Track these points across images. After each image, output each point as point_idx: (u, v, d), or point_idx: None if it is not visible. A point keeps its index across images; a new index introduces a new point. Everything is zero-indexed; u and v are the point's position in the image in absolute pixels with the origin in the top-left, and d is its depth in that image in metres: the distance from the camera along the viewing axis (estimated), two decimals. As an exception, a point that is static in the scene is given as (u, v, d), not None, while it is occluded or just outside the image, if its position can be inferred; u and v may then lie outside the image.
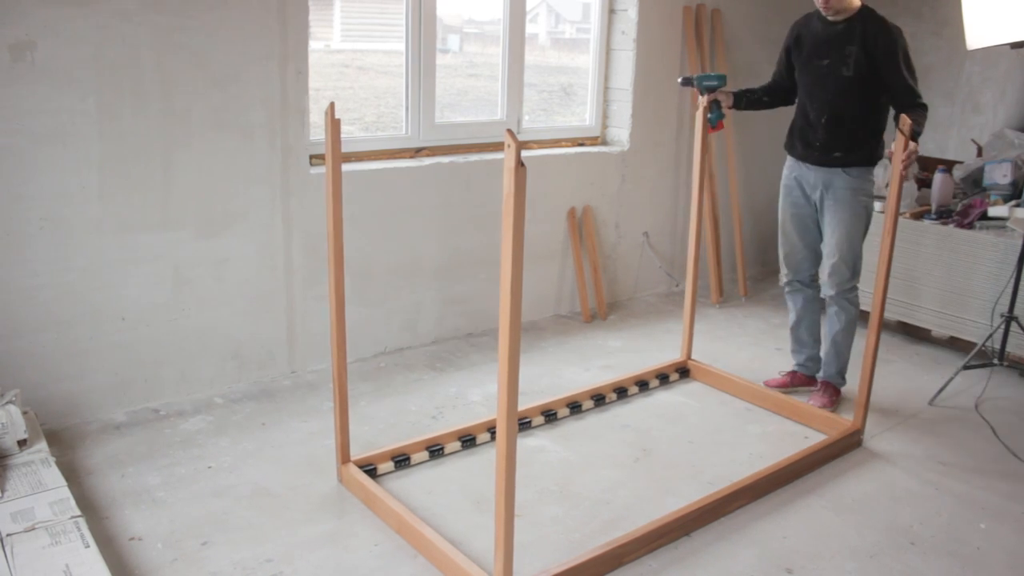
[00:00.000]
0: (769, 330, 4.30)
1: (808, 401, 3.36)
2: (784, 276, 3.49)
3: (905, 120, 2.78)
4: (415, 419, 3.18)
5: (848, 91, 3.07)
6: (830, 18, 3.08)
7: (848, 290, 3.27)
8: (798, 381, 3.54)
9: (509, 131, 1.72)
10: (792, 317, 3.51)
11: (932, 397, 3.50)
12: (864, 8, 3.08)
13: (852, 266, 3.22)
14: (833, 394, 3.40)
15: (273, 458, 2.84)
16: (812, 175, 3.23)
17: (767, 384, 3.54)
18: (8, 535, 2.11)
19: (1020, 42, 3.59)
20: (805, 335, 3.50)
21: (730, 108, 3.34)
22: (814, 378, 3.51)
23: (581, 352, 3.90)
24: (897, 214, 2.88)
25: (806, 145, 3.23)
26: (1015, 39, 3.53)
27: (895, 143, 2.81)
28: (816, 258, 3.38)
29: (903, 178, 2.82)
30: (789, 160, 3.35)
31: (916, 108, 3.00)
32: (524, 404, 3.09)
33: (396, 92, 3.77)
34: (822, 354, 3.44)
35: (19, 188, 2.75)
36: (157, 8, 2.87)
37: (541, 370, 3.67)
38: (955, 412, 3.41)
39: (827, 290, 3.29)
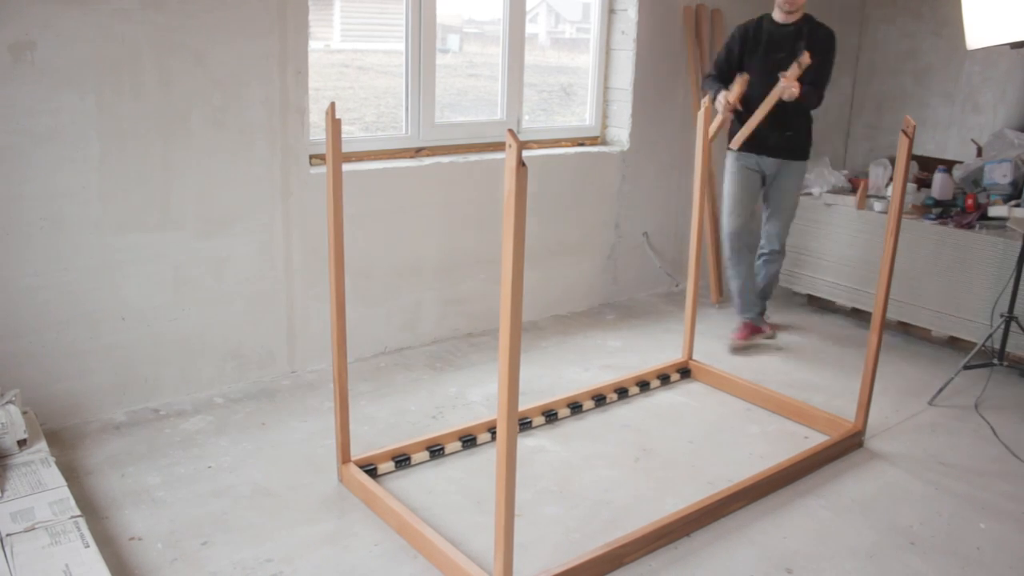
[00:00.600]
0: (769, 330, 4.30)
1: (730, 336, 3.97)
2: (732, 246, 3.97)
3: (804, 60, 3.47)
4: (415, 419, 3.18)
5: (799, 79, 3.57)
6: (782, 21, 3.67)
7: (784, 244, 4.04)
8: (755, 330, 4.05)
9: (510, 131, 1.72)
10: (741, 282, 4.02)
11: (932, 397, 3.50)
12: (807, 14, 3.69)
13: (789, 228, 4.03)
14: (752, 329, 4.02)
15: (273, 458, 2.84)
16: (767, 163, 3.83)
17: (734, 338, 4.01)
18: (8, 535, 2.11)
19: (1020, 42, 3.59)
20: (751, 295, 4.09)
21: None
22: (759, 326, 4.09)
23: (581, 352, 3.90)
24: (900, 214, 2.88)
25: (760, 134, 3.72)
26: (1015, 39, 3.52)
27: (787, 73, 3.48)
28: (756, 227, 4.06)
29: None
30: (738, 154, 3.86)
31: (816, 97, 3.64)
32: (524, 404, 3.09)
33: (396, 92, 3.77)
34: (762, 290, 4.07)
35: (19, 188, 2.75)
36: (157, 8, 2.87)
37: (541, 370, 3.67)
38: (955, 412, 3.41)
39: (774, 244, 3.99)
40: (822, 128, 5.35)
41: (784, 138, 3.76)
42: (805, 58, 3.46)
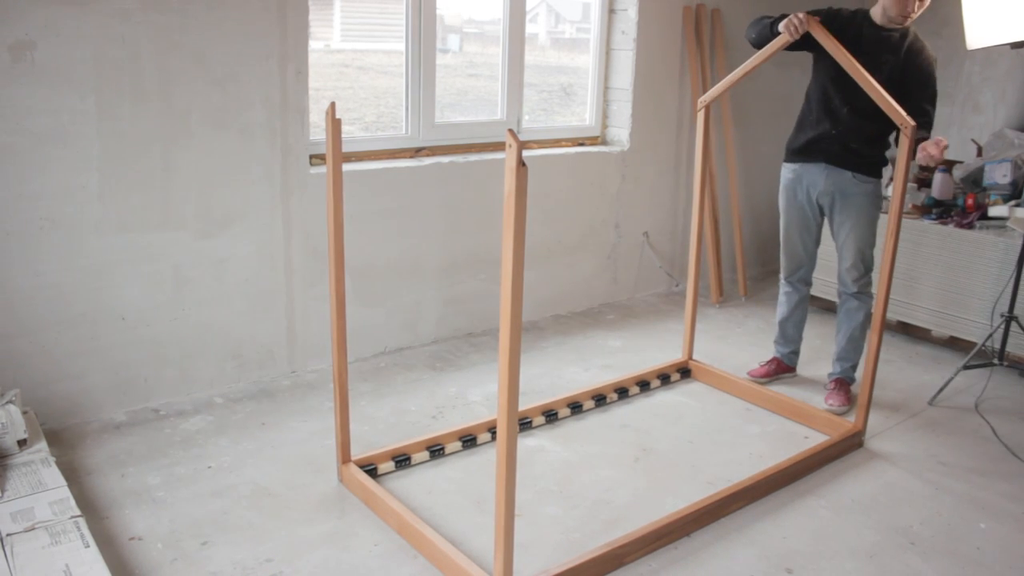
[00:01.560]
0: (769, 329, 4.29)
1: (827, 402, 3.39)
2: (785, 272, 3.56)
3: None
4: (415, 419, 3.18)
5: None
6: (883, 24, 3.11)
7: (866, 284, 3.36)
8: (781, 369, 3.66)
9: (510, 131, 1.72)
10: (784, 311, 3.61)
11: (932, 397, 3.50)
12: (913, 29, 3.17)
13: (869, 262, 3.33)
14: (849, 392, 3.45)
15: (273, 458, 2.84)
16: (822, 178, 3.28)
17: (751, 374, 3.63)
18: (8, 535, 2.11)
19: (1020, 42, 3.59)
20: (792, 330, 3.63)
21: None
22: (793, 368, 3.68)
23: (581, 352, 3.90)
24: (900, 215, 2.88)
25: (819, 138, 3.25)
26: (1015, 39, 3.53)
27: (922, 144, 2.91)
28: (815, 258, 3.52)
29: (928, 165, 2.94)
30: (792, 164, 3.38)
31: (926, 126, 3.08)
32: (524, 404, 3.09)
33: (396, 92, 3.77)
34: (838, 350, 3.48)
35: (19, 188, 2.75)
36: (157, 8, 2.87)
37: (541, 370, 3.67)
38: (955, 412, 3.41)
39: (848, 286, 3.36)
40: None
41: (848, 129, 3.22)
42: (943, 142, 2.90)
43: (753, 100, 4.94)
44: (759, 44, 3.17)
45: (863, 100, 2.99)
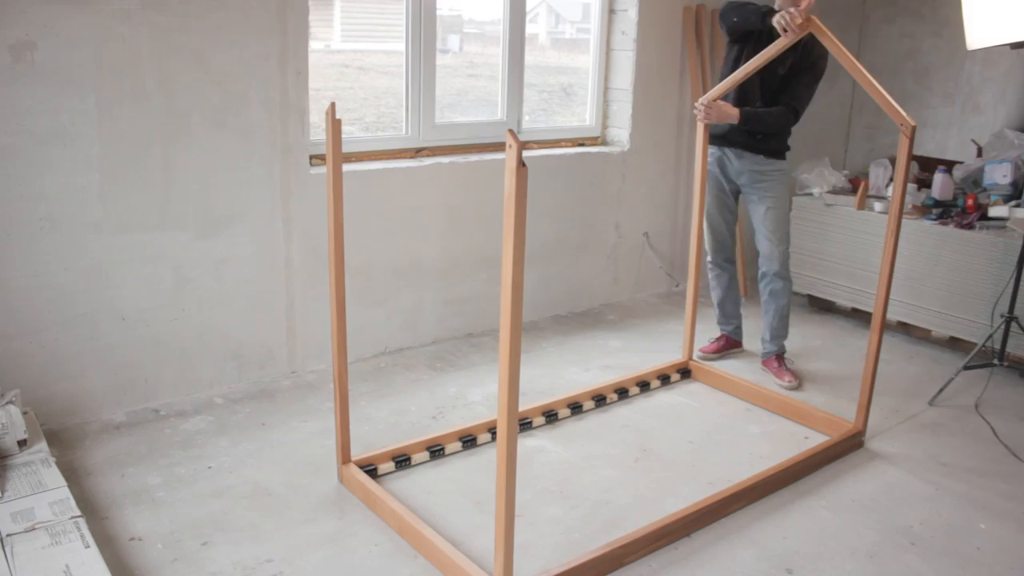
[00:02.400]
0: (769, 330, 4.30)
1: (783, 380, 3.59)
2: (710, 256, 3.81)
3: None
4: (415, 419, 3.18)
5: (777, 88, 3.39)
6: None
7: (788, 260, 3.62)
8: (731, 344, 3.95)
9: (510, 131, 1.72)
10: (720, 293, 3.88)
11: (932, 397, 3.50)
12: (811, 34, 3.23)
13: (787, 238, 3.62)
14: (788, 365, 3.72)
15: (273, 458, 2.84)
16: (738, 161, 3.54)
17: (702, 351, 3.87)
18: (8, 535, 2.11)
19: (1020, 42, 3.59)
20: (731, 307, 3.91)
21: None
22: (740, 342, 3.97)
23: (581, 352, 3.90)
24: (900, 215, 2.88)
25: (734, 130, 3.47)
26: (1015, 39, 3.53)
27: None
28: (734, 237, 3.84)
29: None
30: (712, 148, 3.60)
31: (784, 112, 3.37)
32: (524, 404, 3.09)
33: (396, 92, 3.77)
34: (771, 329, 3.70)
35: (19, 188, 2.75)
36: (157, 8, 2.87)
37: (541, 370, 3.67)
38: (955, 412, 3.41)
39: (770, 265, 3.58)
40: (822, 128, 5.36)
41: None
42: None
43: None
44: (739, 29, 3.33)
45: (772, 92, 3.37)
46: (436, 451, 2.86)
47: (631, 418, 3.26)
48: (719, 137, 3.54)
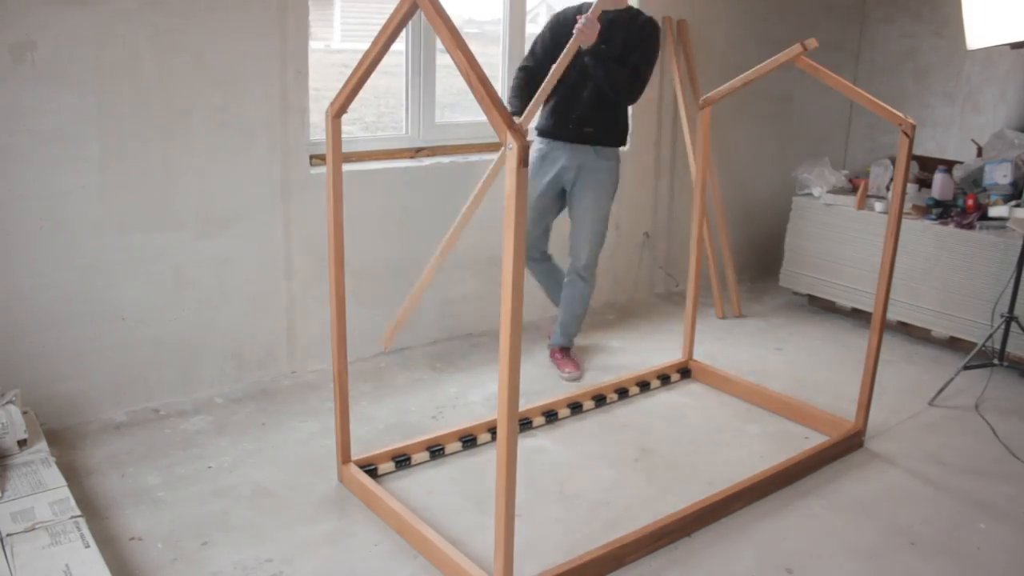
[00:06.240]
0: (769, 330, 4.30)
1: (565, 370, 3.58)
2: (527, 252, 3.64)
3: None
4: (415, 419, 3.18)
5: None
6: (610, 8, 3.26)
7: (593, 265, 3.57)
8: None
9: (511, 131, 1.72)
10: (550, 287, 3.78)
11: (932, 397, 3.50)
12: (629, 6, 3.39)
13: (601, 244, 3.56)
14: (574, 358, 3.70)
15: (273, 458, 2.84)
16: (564, 154, 3.42)
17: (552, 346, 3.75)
18: (8, 535, 2.11)
19: (1020, 42, 3.59)
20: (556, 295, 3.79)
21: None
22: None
23: (581, 352, 3.90)
24: (900, 215, 2.88)
25: (563, 122, 3.40)
26: (1015, 39, 3.53)
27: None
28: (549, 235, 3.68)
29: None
30: (539, 140, 3.51)
31: (628, 78, 3.24)
32: (524, 404, 3.09)
33: (396, 92, 3.77)
34: (563, 323, 3.66)
35: (19, 188, 2.75)
36: (157, 8, 2.87)
37: (541, 370, 3.67)
38: (955, 412, 3.41)
39: (577, 263, 3.54)
40: (822, 128, 5.36)
41: (592, 110, 3.37)
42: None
43: (753, 99, 4.93)
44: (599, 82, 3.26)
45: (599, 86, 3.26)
46: (436, 451, 2.86)
47: (631, 418, 3.26)
48: (548, 131, 3.46)
